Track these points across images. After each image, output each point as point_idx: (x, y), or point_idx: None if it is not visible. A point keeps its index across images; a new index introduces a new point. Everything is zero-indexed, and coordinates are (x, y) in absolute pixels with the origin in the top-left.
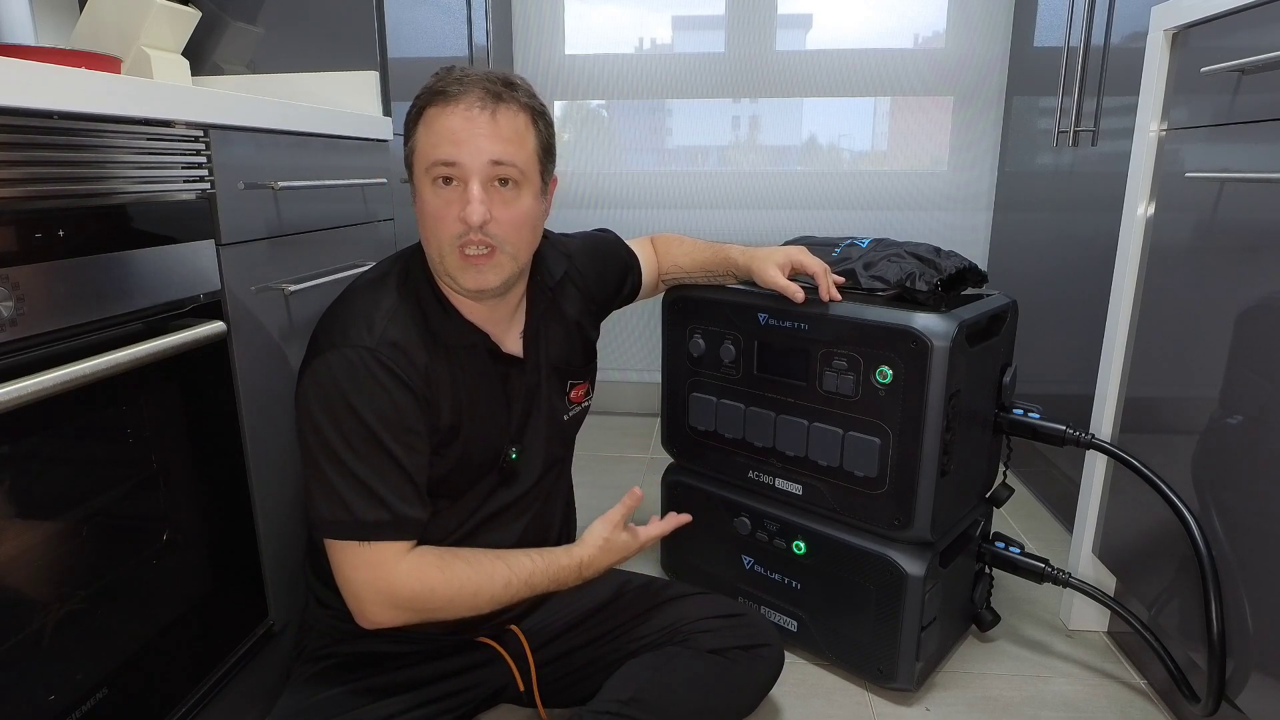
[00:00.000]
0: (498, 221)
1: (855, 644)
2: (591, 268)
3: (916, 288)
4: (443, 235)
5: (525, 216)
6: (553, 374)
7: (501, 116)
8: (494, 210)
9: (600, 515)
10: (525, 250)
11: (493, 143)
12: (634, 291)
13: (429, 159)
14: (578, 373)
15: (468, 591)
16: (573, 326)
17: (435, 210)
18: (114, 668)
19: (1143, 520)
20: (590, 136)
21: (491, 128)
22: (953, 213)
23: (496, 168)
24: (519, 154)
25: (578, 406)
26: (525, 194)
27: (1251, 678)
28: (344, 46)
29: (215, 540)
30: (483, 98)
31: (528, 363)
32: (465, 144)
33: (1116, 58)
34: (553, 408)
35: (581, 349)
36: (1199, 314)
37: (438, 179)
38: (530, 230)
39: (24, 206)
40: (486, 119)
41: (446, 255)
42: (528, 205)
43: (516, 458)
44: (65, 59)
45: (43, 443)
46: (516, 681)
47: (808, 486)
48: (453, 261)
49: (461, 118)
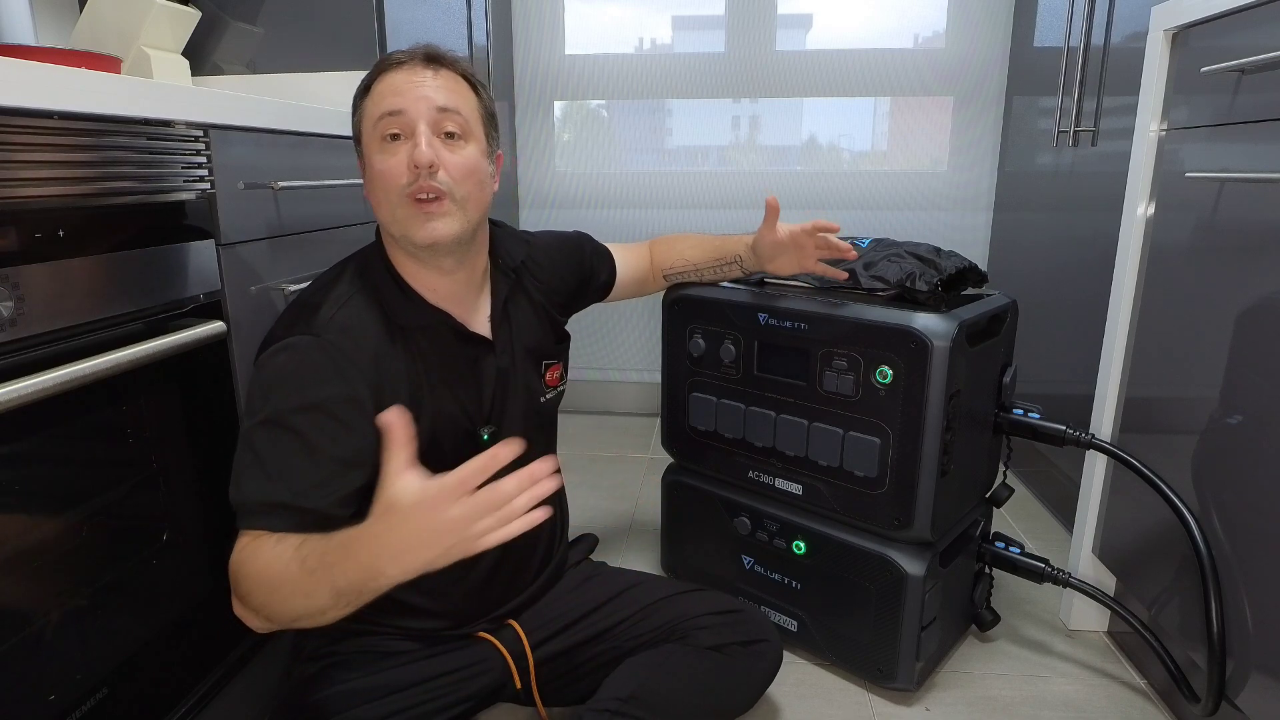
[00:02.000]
0: (447, 166)
1: (855, 644)
2: (551, 258)
3: (916, 288)
4: (392, 189)
5: (473, 165)
6: (526, 355)
7: (443, 73)
8: (441, 156)
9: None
10: (474, 204)
11: (436, 92)
12: (605, 286)
13: (375, 115)
14: (552, 353)
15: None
16: (540, 309)
17: (383, 166)
18: (114, 668)
19: (1143, 520)
20: (590, 136)
21: (435, 80)
22: (953, 213)
23: (442, 114)
24: (463, 105)
25: (554, 389)
26: (471, 146)
27: (1251, 678)
28: (344, 46)
29: (215, 540)
30: (424, 60)
31: (498, 344)
32: (410, 93)
33: (1116, 58)
34: (529, 389)
35: (553, 330)
36: (1199, 314)
37: (385, 135)
38: (477, 184)
39: (24, 206)
40: (430, 74)
41: (397, 208)
42: (474, 156)
43: (489, 439)
44: (65, 59)
45: (43, 443)
46: (515, 679)
47: (808, 486)
48: (404, 213)
49: (405, 74)
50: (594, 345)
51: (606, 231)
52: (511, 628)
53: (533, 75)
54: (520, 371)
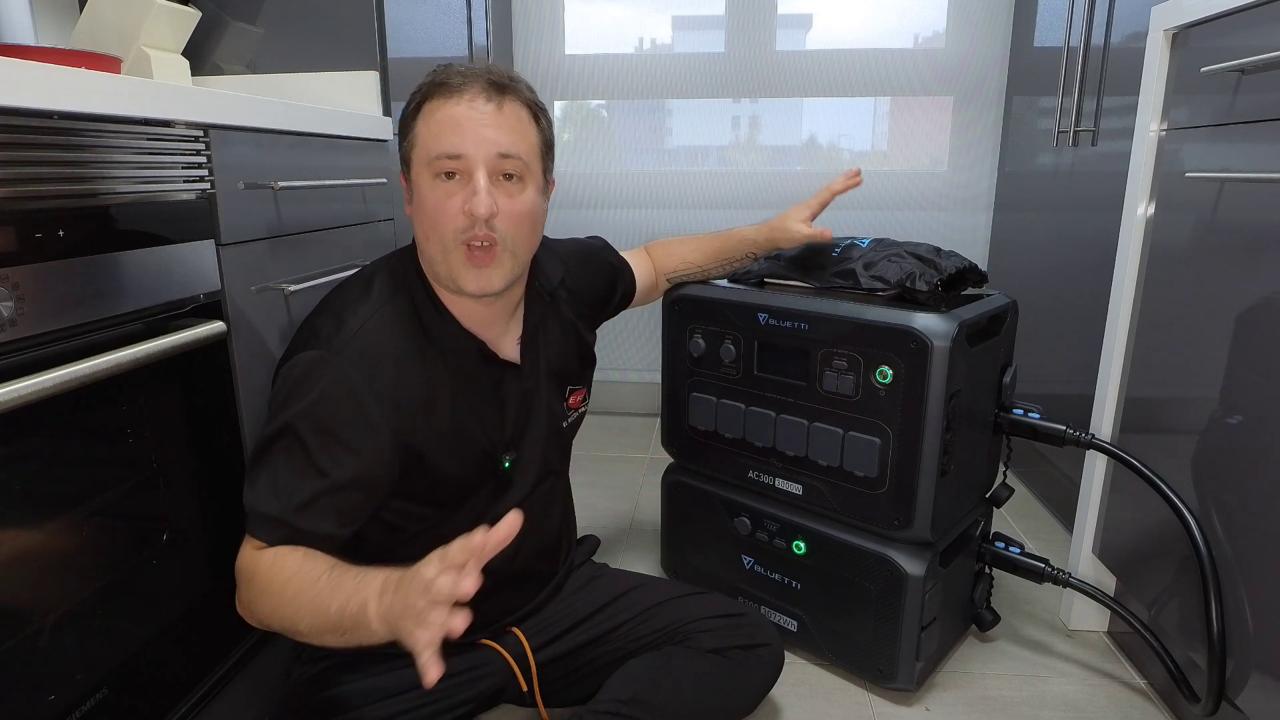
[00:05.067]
0: (503, 215)
1: (855, 644)
2: (584, 273)
3: (916, 288)
4: (445, 231)
5: (529, 211)
6: (551, 379)
7: (507, 108)
8: (500, 204)
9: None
10: (526, 249)
11: (498, 133)
12: (626, 298)
13: (432, 151)
14: (576, 377)
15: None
16: (570, 331)
17: (436, 204)
18: (114, 668)
19: (1143, 520)
20: (590, 136)
21: (497, 118)
22: (953, 213)
23: (503, 161)
24: (523, 146)
25: (575, 413)
26: (529, 188)
27: (1251, 678)
28: (344, 46)
29: (215, 540)
30: (487, 89)
31: (524, 368)
32: (470, 134)
33: (1116, 58)
34: (552, 413)
35: (579, 353)
36: (1199, 314)
37: (440, 173)
38: (532, 227)
39: (24, 206)
40: (492, 110)
41: (450, 253)
42: (532, 200)
43: (510, 466)
44: (65, 59)
45: (43, 443)
46: (518, 681)
47: (808, 486)
48: (457, 259)
49: (466, 108)
50: (595, 345)
51: (606, 231)
52: (513, 633)
53: (533, 75)
54: (544, 394)
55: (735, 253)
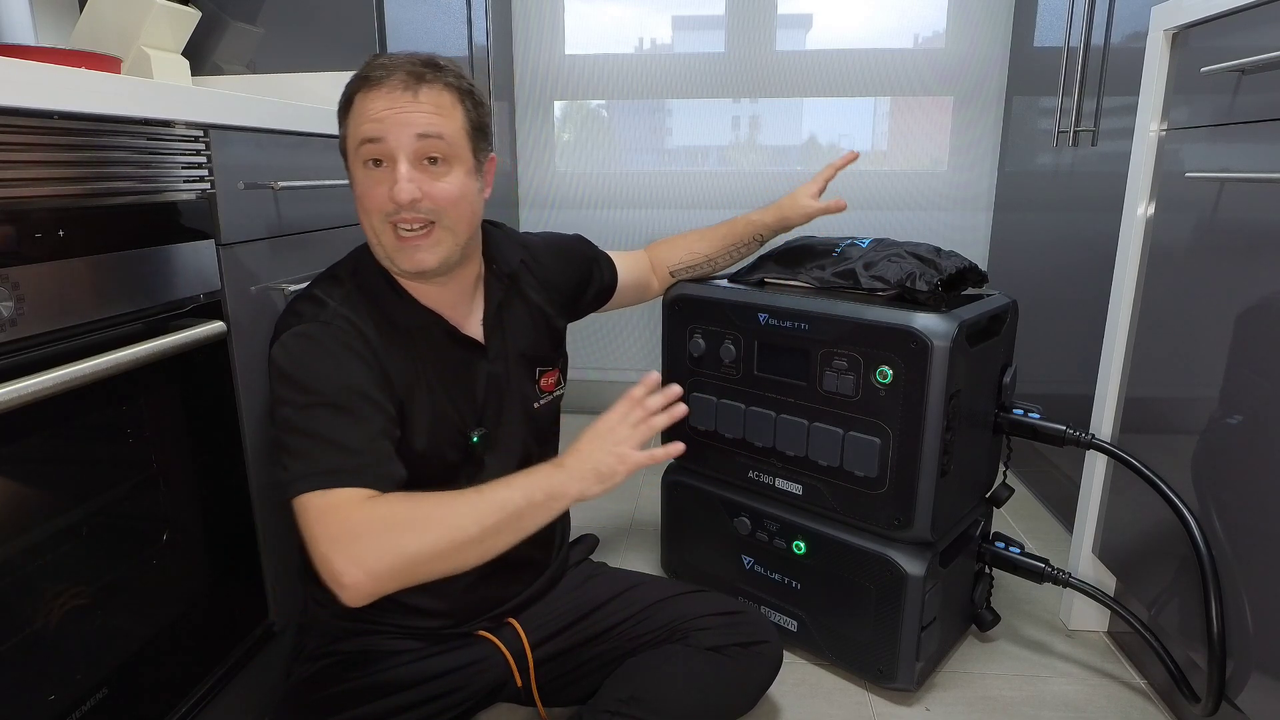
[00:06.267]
0: (430, 197)
1: (855, 644)
2: (551, 258)
3: (916, 288)
4: (374, 214)
5: (458, 192)
6: (520, 360)
7: (424, 94)
8: (424, 187)
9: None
10: (464, 226)
11: (417, 118)
12: (607, 288)
13: (356, 140)
14: (547, 359)
15: (435, 522)
16: (537, 314)
17: (365, 190)
18: (114, 668)
19: (1143, 520)
20: (590, 136)
21: (414, 105)
22: (953, 213)
23: (422, 142)
24: (445, 127)
25: (549, 395)
26: (456, 170)
27: (1251, 678)
28: (344, 46)
29: (215, 540)
30: (405, 79)
31: (491, 349)
32: (389, 121)
33: (1116, 58)
34: (524, 395)
35: (549, 336)
36: (1199, 314)
37: (366, 160)
38: (467, 206)
39: (24, 206)
40: (409, 99)
41: (381, 235)
42: (460, 181)
43: (478, 441)
44: (65, 59)
45: (43, 443)
46: (515, 678)
47: (808, 486)
48: (389, 241)
49: (385, 99)
50: (594, 345)
51: (606, 231)
52: (511, 626)
53: (533, 75)
54: (514, 377)
55: (743, 237)
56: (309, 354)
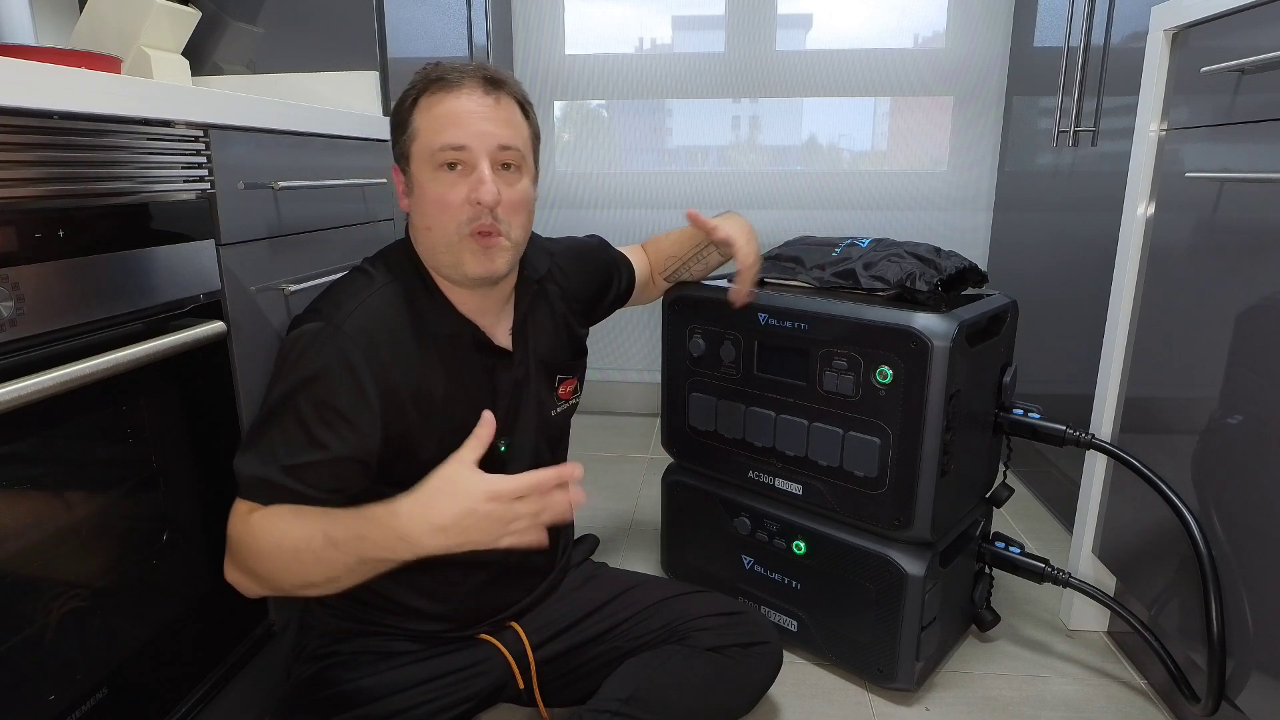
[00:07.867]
0: (504, 203)
1: (855, 644)
2: (574, 266)
3: (916, 288)
4: (449, 221)
5: (526, 198)
6: (541, 368)
7: (503, 102)
8: (500, 192)
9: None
10: (522, 235)
11: (497, 126)
12: (625, 292)
13: (434, 144)
14: (567, 368)
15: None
16: (560, 321)
17: (440, 195)
18: (114, 668)
19: (1143, 520)
20: (590, 136)
21: (495, 111)
22: (953, 213)
23: (503, 152)
24: (519, 138)
25: (565, 403)
26: (525, 178)
27: (1251, 678)
28: (344, 46)
29: (215, 540)
30: (483, 84)
31: (515, 356)
32: (472, 127)
33: (1116, 58)
34: (540, 402)
35: (570, 344)
36: (1199, 314)
37: (442, 165)
38: (528, 214)
39: (24, 206)
40: (490, 104)
41: (454, 240)
42: (527, 189)
43: (505, 450)
44: (65, 59)
45: (43, 443)
46: (516, 679)
47: (808, 486)
48: (468, 246)
49: (466, 101)
50: (594, 345)
51: (606, 232)
52: (513, 629)
53: (533, 75)
54: (534, 384)
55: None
56: (307, 355)
